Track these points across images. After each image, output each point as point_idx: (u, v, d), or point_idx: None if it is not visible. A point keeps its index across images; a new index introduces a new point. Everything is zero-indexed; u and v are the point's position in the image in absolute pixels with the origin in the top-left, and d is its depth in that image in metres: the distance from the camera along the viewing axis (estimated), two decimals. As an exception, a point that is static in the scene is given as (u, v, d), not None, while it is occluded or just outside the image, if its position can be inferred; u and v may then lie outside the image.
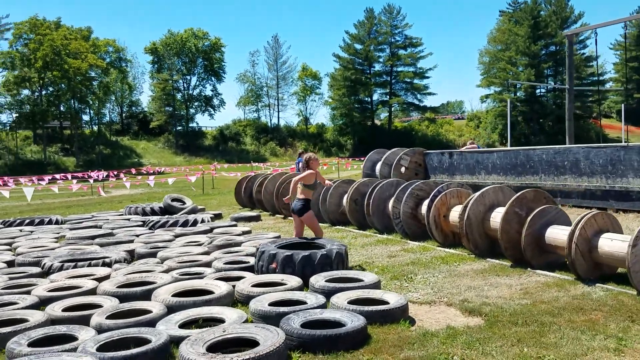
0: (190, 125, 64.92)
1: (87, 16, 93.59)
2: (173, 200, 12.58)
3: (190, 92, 63.56)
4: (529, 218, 6.34)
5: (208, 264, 6.53)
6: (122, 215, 12.35)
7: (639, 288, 5.20)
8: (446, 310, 5.07)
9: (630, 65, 73.01)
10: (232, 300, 5.24)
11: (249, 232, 9.28)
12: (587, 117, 64.35)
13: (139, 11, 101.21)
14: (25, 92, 47.40)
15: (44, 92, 48.00)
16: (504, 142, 63.02)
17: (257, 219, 11.77)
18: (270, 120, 68.22)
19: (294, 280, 5.43)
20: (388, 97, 65.23)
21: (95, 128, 60.31)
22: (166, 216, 11.04)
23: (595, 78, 63.39)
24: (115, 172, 33.51)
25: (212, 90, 64.52)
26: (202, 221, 10.27)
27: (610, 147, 10.45)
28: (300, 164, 16.62)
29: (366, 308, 4.59)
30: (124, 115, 65.77)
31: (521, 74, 60.21)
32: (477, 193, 7.30)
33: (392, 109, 66.72)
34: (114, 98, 63.25)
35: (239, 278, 5.75)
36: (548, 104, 61.89)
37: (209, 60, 62.33)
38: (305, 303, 4.72)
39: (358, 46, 64.66)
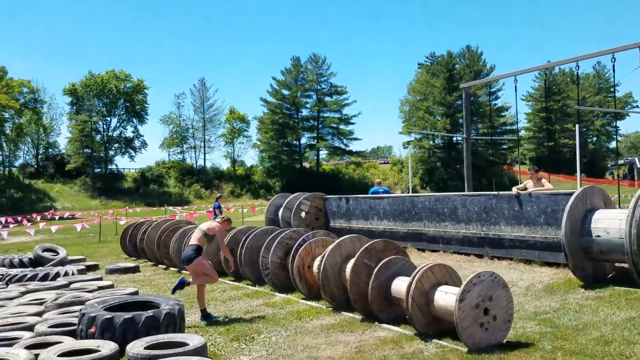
0: (110, 167, 62.50)
1: (2, 56, 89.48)
2: (45, 250, 11.66)
3: (110, 133, 61.53)
4: (376, 269, 6.22)
5: (32, 327, 5.87)
6: (-14, 267, 11.25)
7: (468, 344, 5.12)
8: (267, 377, 4.75)
9: (540, 115, 78.51)
10: (30, 372, 4.66)
11: (110, 286, 8.61)
12: (501, 164, 67.88)
13: (58, 52, 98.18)
14: None
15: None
16: (424, 187, 65.20)
17: (134, 270, 11.09)
18: (196, 161, 67.09)
19: (107, 347, 4.92)
20: (315, 140, 66.05)
21: (7, 171, 56.69)
22: (29, 269, 10.13)
23: (507, 127, 67.54)
24: (18, 218, 31.16)
25: (133, 132, 62.80)
26: (66, 274, 9.48)
27: (483, 196, 10.77)
28: (216, 210, 16.13)
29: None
30: (39, 157, 62.40)
31: (438, 123, 63.07)
32: (334, 243, 7.16)
33: (320, 152, 67.54)
34: (29, 140, 60.09)
35: (57, 344, 5.16)
36: (463, 151, 64.77)
37: (131, 101, 60.86)
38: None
39: (285, 92, 65.55)
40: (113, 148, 61.92)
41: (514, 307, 5.52)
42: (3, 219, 27.09)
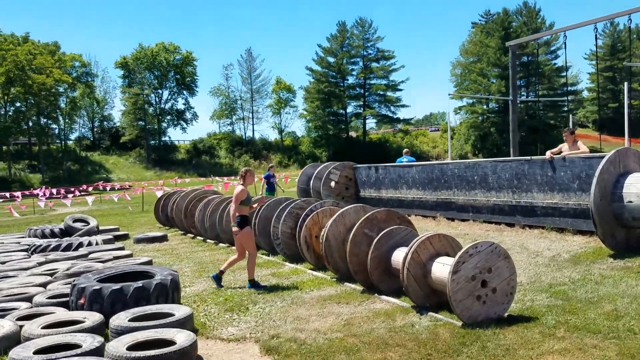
0: (163, 139, 64.26)
1: (57, 31, 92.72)
2: (76, 220, 12.06)
3: (162, 106, 63.04)
4: (375, 240, 5.93)
5: (32, 298, 5.99)
6: (22, 237, 11.77)
7: (462, 318, 4.79)
8: (247, 350, 4.63)
9: (605, 74, 73.84)
10: (16, 342, 4.72)
11: (128, 256, 8.76)
12: (561, 127, 64.51)
13: (109, 25, 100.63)
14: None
15: (9, 109, 47.21)
16: (477, 154, 63.17)
17: (162, 239, 11.27)
18: (245, 133, 67.85)
19: (91, 319, 4.92)
20: (362, 109, 65.15)
21: (63, 144, 59.44)
22: (56, 239, 10.48)
23: (568, 88, 63.93)
24: (67, 189, 32.54)
25: (184, 104, 64.06)
26: (89, 244, 9.73)
27: (515, 162, 10.12)
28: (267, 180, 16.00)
29: (141, 354, 4.10)
30: (95, 130, 64.95)
31: (492, 86, 60.49)
32: (338, 212, 6.89)
33: (367, 120, 66.63)
34: (85, 113, 62.52)
35: (48, 314, 5.24)
36: (520, 115, 62.06)
37: (181, 74, 61.88)
38: (80, 347, 4.23)
39: (331, 59, 64.64)
40: (165, 120, 63.46)
41: (527, 279, 5.11)
42: (41, 191, 28.26)
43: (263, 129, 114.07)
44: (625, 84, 13.93)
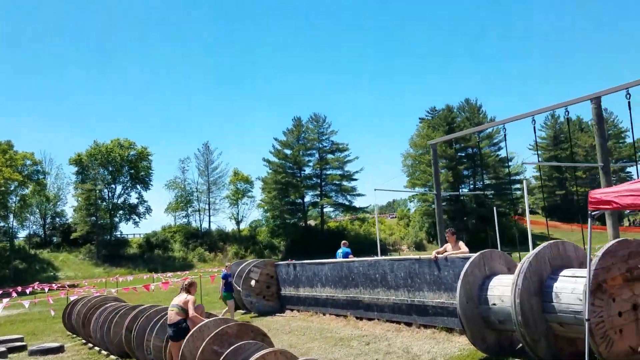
0: (115, 234, 62.99)
1: (11, 129, 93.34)
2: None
3: (115, 200, 62.41)
4: (222, 357, 5.87)
5: None
6: None
7: None
8: None
9: (549, 164, 77.58)
10: None
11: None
12: (508, 215, 66.60)
13: (64, 123, 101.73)
14: None
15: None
16: (432, 240, 64.05)
17: (58, 350, 10.78)
18: (201, 224, 67.31)
19: None
20: (319, 198, 66.07)
21: (17, 241, 57.52)
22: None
23: (512, 177, 66.69)
24: (4, 291, 31.06)
25: (137, 198, 63.62)
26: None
27: (408, 260, 10.39)
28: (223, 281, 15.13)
29: None
30: (47, 227, 63.34)
31: (441, 175, 62.61)
32: (197, 326, 6.82)
33: (324, 209, 67.33)
34: (37, 210, 61.23)
35: None
36: (469, 203, 64.17)
37: (135, 168, 62.04)
38: None
39: (287, 151, 66.36)
40: (118, 215, 62.58)
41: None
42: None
43: (220, 220, 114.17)
44: (524, 182, 14.64)
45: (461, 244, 9.68)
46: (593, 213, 5.66)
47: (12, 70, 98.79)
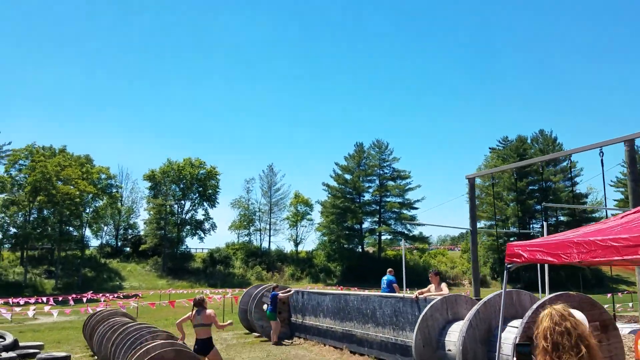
0: (181, 248, 65.80)
1: (91, 145, 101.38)
2: (-7, 336, 12.55)
3: (183, 216, 65.33)
4: (153, 380, 6.18)
5: None
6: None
7: None
8: None
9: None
10: None
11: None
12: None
13: (141, 141, 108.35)
14: (16, 215, 49.48)
15: (32, 216, 50.11)
16: (496, 277, 61.40)
17: None
18: (261, 244, 68.75)
19: None
20: (377, 225, 65.60)
21: (89, 250, 61.69)
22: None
23: (589, 215, 62.77)
24: (61, 298, 33.34)
25: (203, 215, 66.23)
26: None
27: (393, 298, 10.28)
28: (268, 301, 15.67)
29: None
30: (119, 238, 67.45)
31: (508, 209, 60.42)
32: (142, 349, 7.19)
33: (382, 237, 66.70)
34: (112, 222, 65.50)
35: None
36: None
37: (204, 186, 64.79)
38: None
39: (347, 176, 66.67)
40: (185, 230, 65.38)
41: None
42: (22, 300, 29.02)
43: (279, 241, 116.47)
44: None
45: (443, 285, 9.51)
46: (508, 266, 5.49)
47: (95, 85, 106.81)
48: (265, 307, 15.15)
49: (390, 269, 15.85)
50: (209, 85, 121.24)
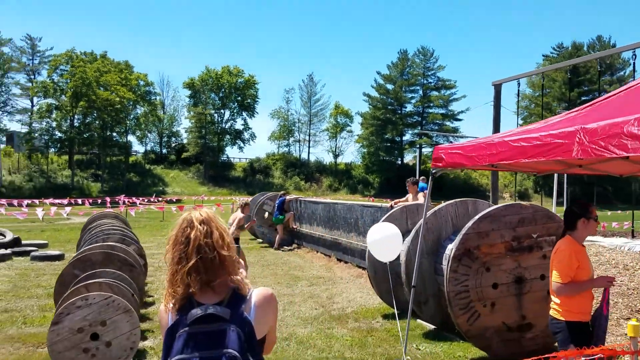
0: (223, 157, 66.85)
1: (132, 51, 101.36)
2: (-8, 233, 12.99)
3: (223, 125, 65.71)
4: (76, 281, 5.99)
5: None
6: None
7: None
8: None
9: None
10: None
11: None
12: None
13: (181, 47, 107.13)
14: (63, 120, 51.10)
15: (76, 121, 51.63)
16: (538, 191, 59.54)
17: (57, 258, 11.87)
18: (300, 155, 68.93)
19: None
20: (418, 137, 64.02)
21: (135, 156, 63.77)
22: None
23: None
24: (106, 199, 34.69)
25: (242, 125, 66.35)
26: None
27: (373, 207, 9.71)
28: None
29: None
30: (163, 145, 69.09)
31: (556, 120, 57.12)
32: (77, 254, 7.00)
33: (422, 149, 65.27)
34: (155, 129, 66.85)
35: None
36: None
37: (243, 96, 64.34)
38: None
39: (389, 86, 64.34)
40: (225, 139, 66.07)
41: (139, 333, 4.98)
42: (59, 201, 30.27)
43: (318, 152, 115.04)
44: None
45: (420, 195, 8.82)
46: (433, 170, 4.75)
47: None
48: (266, 215, 14.99)
49: (422, 177, 15.19)
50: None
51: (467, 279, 5.13)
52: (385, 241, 5.64)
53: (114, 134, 55.19)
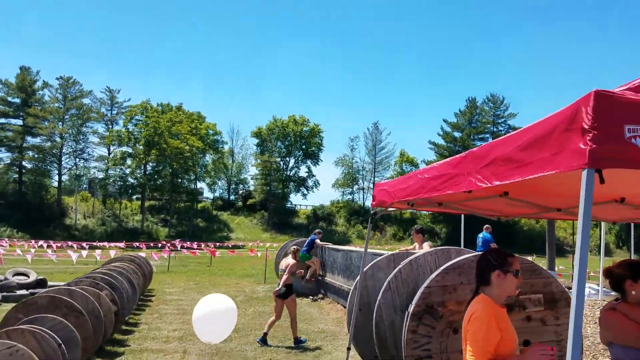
0: (287, 205, 67.35)
1: (206, 102, 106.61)
2: (16, 274, 13.09)
3: (288, 173, 66.50)
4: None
5: None
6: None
7: None
8: None
9: None
10: None
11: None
12: None
13: (249, 99, 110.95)
14: (137, 168, 53.84)
15: (148, 169, 54.19)
16: (621, 246, 54.59)
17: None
18: (364, 202, 68.01)
19: None
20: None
21: (204, 203, 65.76)
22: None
23: None
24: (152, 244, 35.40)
25: (306, 172, 66.83)
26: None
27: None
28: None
29: None
30: (231, 192, 70.88)
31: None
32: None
33: (493, 199, 62.38)
34: (224, 176, 68.89)
35: None
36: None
37: (307, 144, 65.14)
38: None
39: (457, 134, 62.79)
40: (289, 186, 66.71)
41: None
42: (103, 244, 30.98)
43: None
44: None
45: (425, 245, 7.83)
46: (372, 211, 3.97)
47: (209, 49, 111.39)
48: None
49: (487, 226, 13.96)
50: (310, 43, 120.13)
51: (429, 342, 4.16)
52: (213, 318, 4.72)
53: (183, 180, 57.29)
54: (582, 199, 1.96)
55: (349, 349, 4.29)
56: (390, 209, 4.85)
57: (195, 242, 38.60)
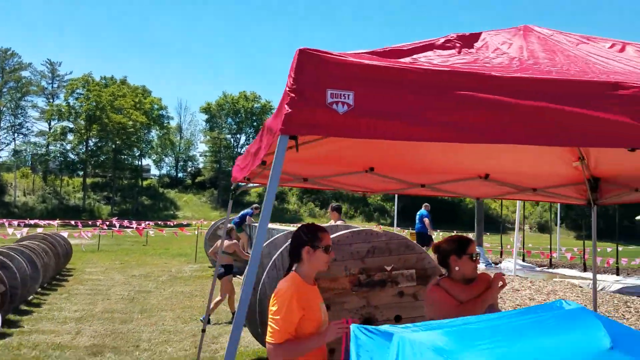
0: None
1: (152, 77, 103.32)
2: None
3: (239, 150, 65.57)
4: None
5: None
6: None
7: None
8: None
9: None
10: None
11: None
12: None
13: (197, 73, 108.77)
14: (78, 144, 51.72)
15: (90, 145, 52.18)
16: (560, 224, 56.87)
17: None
18: (317, 181, 68.14)
19: None
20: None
21: (150, 180, 64.04)
22: None
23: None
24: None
25: (259, 150, 66.20)
26: None
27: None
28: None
29: None
30: (179, 169, 69.32)
31: None
32: None
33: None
34: (172, 153, 67.20)
35: None
36: None
37: (259, 120, 64.31)
38: None
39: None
40: (240, 164, 65.96)
41: None
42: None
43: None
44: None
45: (339, 222, 7.73)
46: (232, 187, 3.84)
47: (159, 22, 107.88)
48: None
49: (426, 204, 14.52)
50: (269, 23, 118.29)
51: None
52: None
53: (127, 157, 55.53)
54: (273, 165, 1.85)
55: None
56: (250, 185, 4.63)
57: (135, 221, 37.56)
